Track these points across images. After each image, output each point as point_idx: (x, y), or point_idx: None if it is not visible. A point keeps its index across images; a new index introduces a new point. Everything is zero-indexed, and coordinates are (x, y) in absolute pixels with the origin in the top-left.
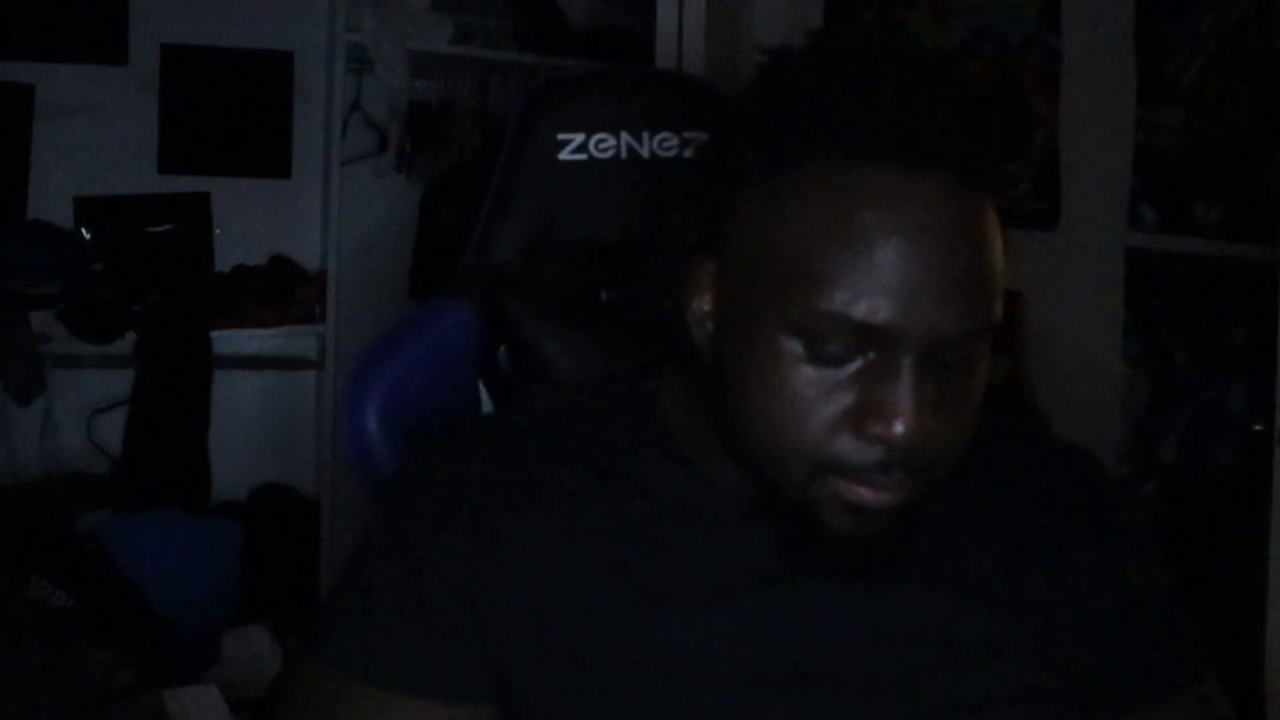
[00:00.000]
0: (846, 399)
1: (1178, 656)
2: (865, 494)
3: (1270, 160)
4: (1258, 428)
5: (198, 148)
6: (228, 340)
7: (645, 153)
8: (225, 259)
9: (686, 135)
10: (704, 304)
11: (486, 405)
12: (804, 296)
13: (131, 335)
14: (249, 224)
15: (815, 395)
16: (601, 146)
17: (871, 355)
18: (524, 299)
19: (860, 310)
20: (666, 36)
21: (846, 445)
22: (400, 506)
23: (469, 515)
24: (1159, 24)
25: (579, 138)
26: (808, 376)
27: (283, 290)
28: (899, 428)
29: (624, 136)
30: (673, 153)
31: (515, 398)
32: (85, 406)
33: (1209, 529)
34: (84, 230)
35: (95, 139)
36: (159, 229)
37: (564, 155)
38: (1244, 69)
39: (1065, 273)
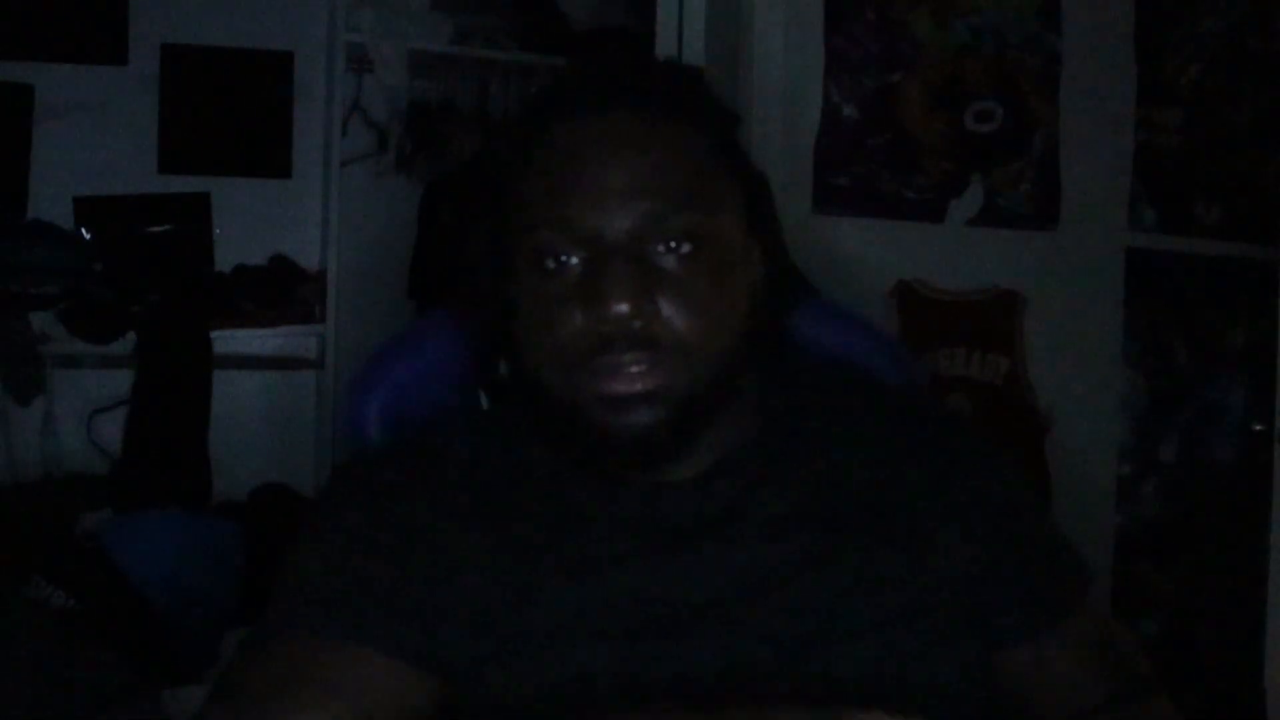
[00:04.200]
0: (572, 301)
1: (1054, 587)
2: (617, 385)
3: (1270, 160)
4: (1258, 428)
5: (198, 148)
6: (228, 340)
7: None
8: (225, 259)
9: None
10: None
11: None
12: (530, 219)
13: (131, 335)
14: (249, 224)
15: (549, 306)
16: None
17: (584, 258)
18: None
19: (564, 210)
20: (666, 36)
21: (580, 339)
22: (334, 497)
23: (394, 502)
24: (1159, 24)
25: None
26: (544, 293)
27: (283, 290)
28: (609, 307)
29: None
30: None
31: (506, 401)
32: (85, 406)
33: (1209, 529)
34: (84, 230)
35: (95, 139)
36: (159, 229)
37: None
38: (1244, 69)
39: (1065, 273)
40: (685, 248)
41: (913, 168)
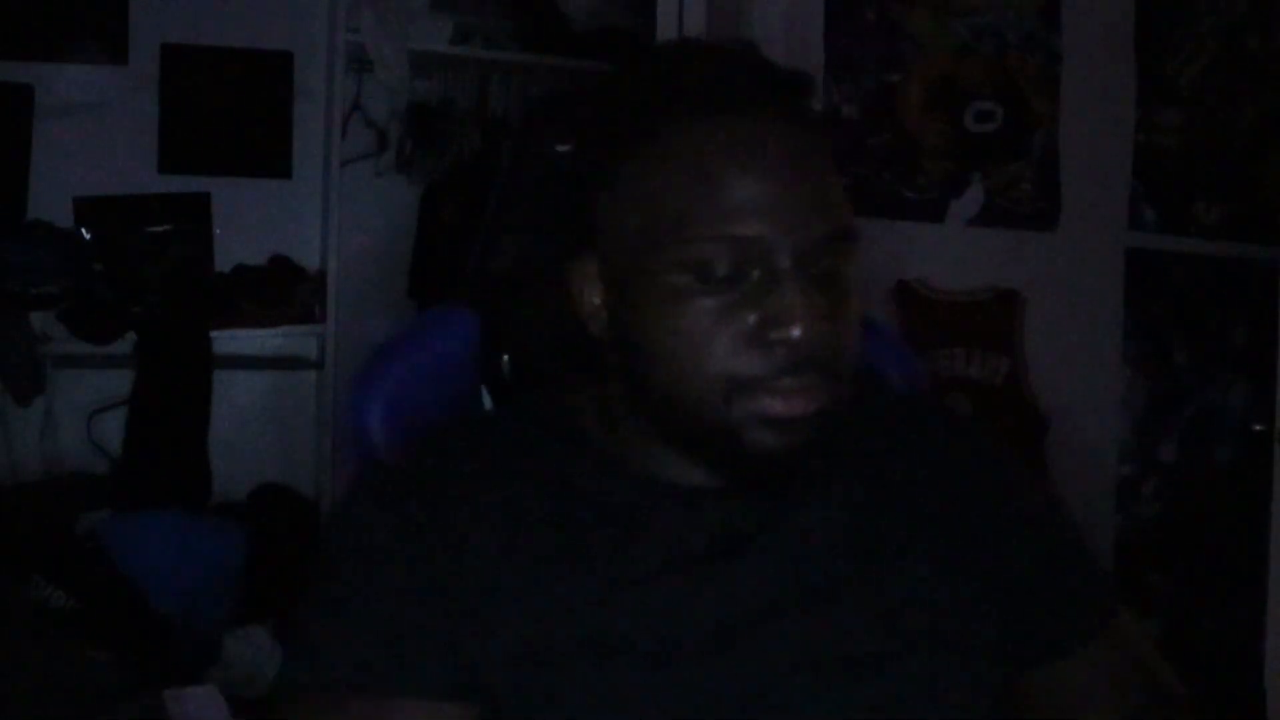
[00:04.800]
0: (743, 317)
1: (1084, 605)
2: (779, 406)
3: (1270, 160)
4: (1258, 428)
5: (198, 148)
6: (228, 340)
7: None
8: (225, 259)
9: None
10: (594, 296)
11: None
12: (688, 229)
13: (131, 335)
14: (249, 224)
15: (714, 321)
16: None
17: (755, 273)
18: (524, 307)
19: (737, 227)
20: (666, 36)
21: (753, 359)
22: (358, 521)
23: (424, 524)
24: (1159, 24)
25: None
26: (704, 305)
27: (283, 290)
28: (795, 330)
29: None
30: None
31: (514, 404)
32: (85, 406)
33: (1209, 529)
34: (84, 230)
35: (95, 139)
36: (159, 229)
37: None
38: (1244, 69)
39: (1065, 273)
40: (843, 266)
41: (913, 168)
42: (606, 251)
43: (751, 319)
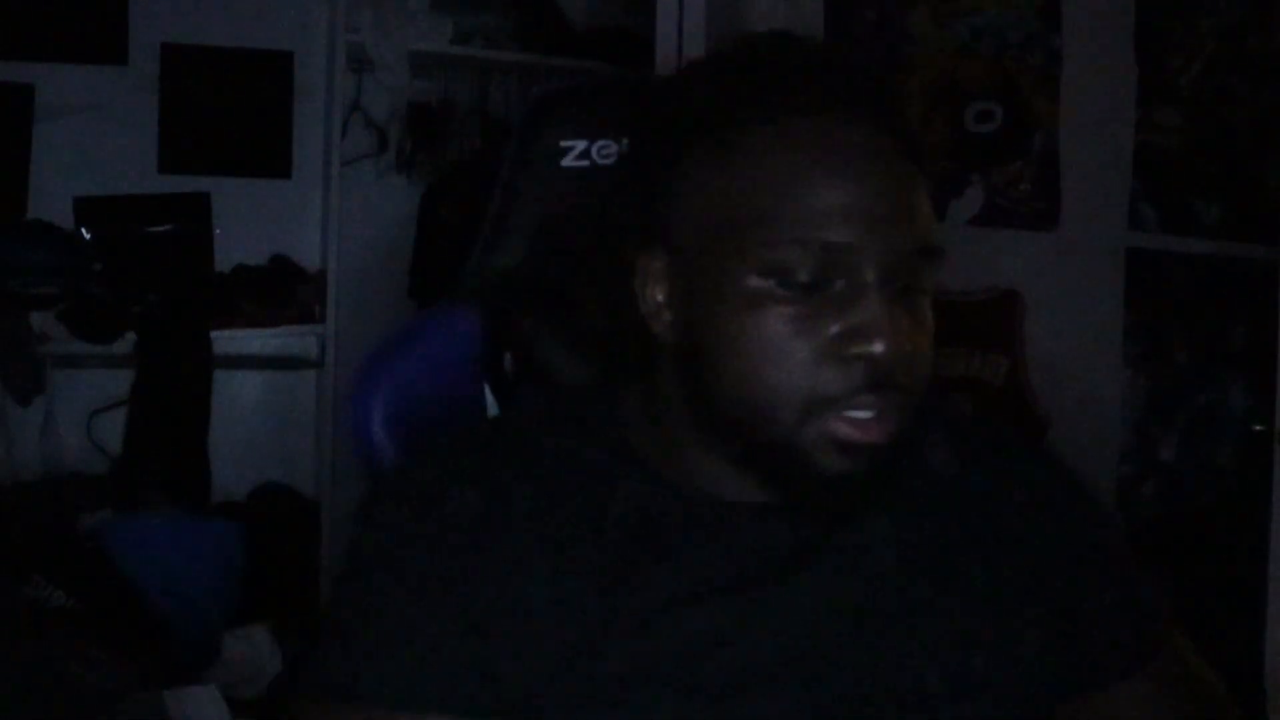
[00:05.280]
0: (825, 328)
1: (1138, 628)
2: (854, 432)
3: (1270, 160)
4: (1258, 428)
5: (198, 148)
6: (228, 340)
7: None
8: (225, 259)
9: None
10: (657, 294)
11: (492, 409)
12: (772, 231)
13: (131, 335)
14: (249, 224)
15: (794, 330)
16: (604, 153)
17: (840, 283)
18: (528, 305)
19: (825, 232)
20: (666, 36)
21: (831, 375)
22: (386, 527)
23: (455, 534)
24: (1159, 24)
25: (581, 145)
26: (784, 312)
27: (283, 290)
28: (879, 345)
29: (626, 143)
30: None
31: (518, 401)
32: (85, 406)
33: (1209, 529)
34: (84, 230)
35: (95, 139)
36: (159, 229)
37: (566, 162)
38: (1244, 69)
39: (1065, 273)
40: (924, 283)
41: None
42: (676, 247)
43: (832, 330)
